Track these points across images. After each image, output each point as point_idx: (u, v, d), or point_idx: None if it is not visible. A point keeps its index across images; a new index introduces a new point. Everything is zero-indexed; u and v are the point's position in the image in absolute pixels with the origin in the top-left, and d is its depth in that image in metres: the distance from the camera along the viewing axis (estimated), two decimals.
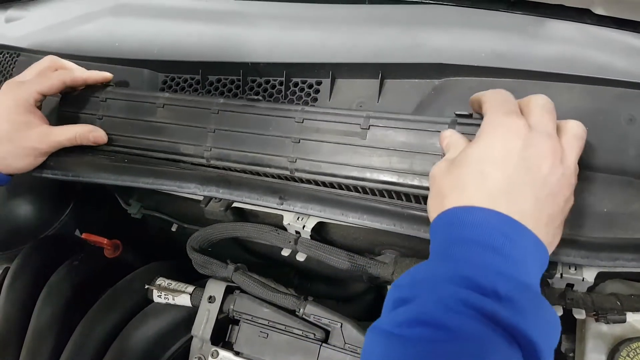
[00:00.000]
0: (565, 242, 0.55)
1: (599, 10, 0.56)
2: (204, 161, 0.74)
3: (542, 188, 0.49)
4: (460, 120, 0.60)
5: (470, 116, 0.60)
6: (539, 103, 0.55)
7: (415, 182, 0.62)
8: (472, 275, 0.45)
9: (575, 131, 0.54)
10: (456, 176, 0.52)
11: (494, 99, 0.56)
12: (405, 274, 0.49)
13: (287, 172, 0.69)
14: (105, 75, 0.82)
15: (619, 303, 0.59)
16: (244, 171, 0.72)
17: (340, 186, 0.67)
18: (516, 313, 0.42)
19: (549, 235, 0.50)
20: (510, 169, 0.49)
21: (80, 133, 0.79)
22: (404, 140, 0.63)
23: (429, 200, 0.56)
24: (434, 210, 0.53)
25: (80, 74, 0.81)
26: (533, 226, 0.48)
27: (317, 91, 0.77)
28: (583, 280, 0.59)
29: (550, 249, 0.51)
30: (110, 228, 1.04)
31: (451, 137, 0.58)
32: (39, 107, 0.80)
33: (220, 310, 0.74)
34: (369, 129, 0.66)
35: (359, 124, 0.66)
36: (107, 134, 0.79)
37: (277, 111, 0.71)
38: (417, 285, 0.47)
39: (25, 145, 0.76)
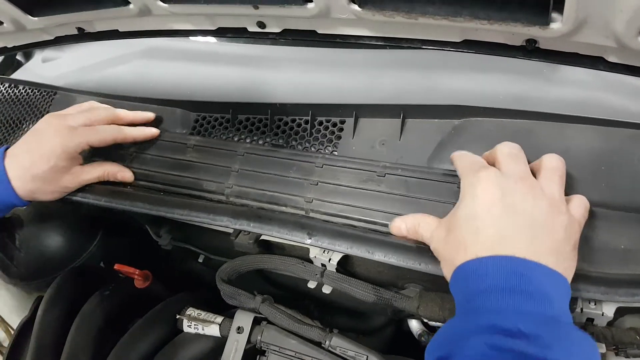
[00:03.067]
0: (585, 278, 0.58)
1: (611, 58, 0.59)
2: (223, 198, 0.78)
3: (534, 222, 0.53)
4: None
5: None
6: (504, 151, 0.60)
7: None
8: (496, 322, 0.48)
9: (549, 164, 0.59)
10: (454, 239, 0.56)
11: (463, 162, 0.62)
12: (437, 333, 0.53)
13: (303, 212, 0.73)
14: (154, 133, 0.86)
15: (638, 337, 0.61)
16: (262, 209, 0.76)
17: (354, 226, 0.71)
18: (544, 347, 0.45)
19: (559, 262, 0.52)
20: (499, 217, 0.53)
21: (109, 172, 0.83)
22: (417, 190, 0.69)
23: (442, 269, 0.59)
24: (448, 274, 0.57)
25: (130, 132, 0.84)
26: (540, 258, 0.51)
27: (341, 129, 0.81)
28: (603, 314, 0.61)
29: (567, 275, 0.53)
30: (133, 259, 1.07)
31: (406, 222, 0.63)
32: None
33: (248, 341, 0.76)
34: (384, 177, 0.71)
35: (376, 172, 0.72)
36: (135, 167, 0.84)
37: (300, 156, 0.77)
38: (450, 342, 0.51)
39: (57, 186, 0.81)
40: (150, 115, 0.88)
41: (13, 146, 0.81)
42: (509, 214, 0.53)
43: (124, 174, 0.84)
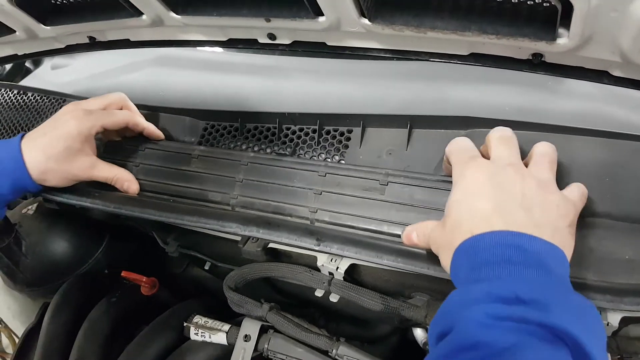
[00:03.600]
0: (590, 287, 0.59)
1: (616, 73, 0.61)
2: (229, 208, 0.79)
3: (525, 200, 0.55)
4: None
5: None
6: (495, 136, 0.63)
7: None
8: (494, 291, 0.49)
9: (539, 150, 0.62)
10: (449, 224, 0.58)
11: (455, 150, 0.64)
12: (439, 310, 0.54)
13: (308, 222, 0.74)
14: (160, 134, 0.89)
15: None
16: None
17: None
18: (542, 310, 0.46)
19: (556, 237, 0.53)
20: (491, 195, 0.56)
21: (119, 177, 0.85)
22: (420, 197, 0.70)
23: (442, 262, 0.60)
24: (447, 263, 0.58)
25: (142, 121, 0.87)
26: (534, 231, 0.52)
27: (349, 139, 0.82)
28: (608, 324, 0.61)
29: (566, 251, 0.54)
30: (138, 266, 1.08)
31: (416, 230, 0.64)
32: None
33: (255, 349, 0.77)
34: (387, 185, 0.72)
35: (378, 180, 0.72)
36: (140, 179, 0.85)
37: (303, 165, 0.78)
38: (450, 316, 0.51)
39: (69, 170, 0.82)
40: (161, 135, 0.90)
41: (33, 130, 0.83)
42: (501, 191, 0.56)
43: (131, 185, 0.85)
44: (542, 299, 0.47)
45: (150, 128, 0.88)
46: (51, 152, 0.80)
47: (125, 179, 0.85)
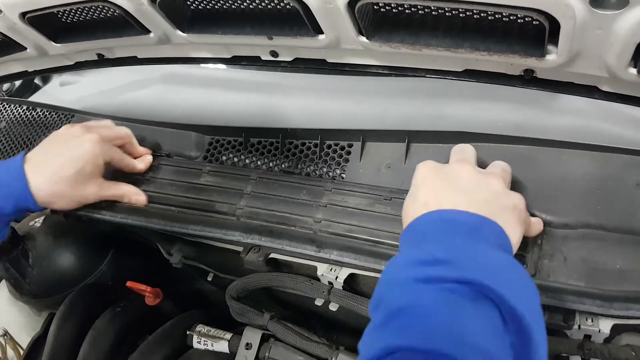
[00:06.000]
0: (581, 293, 0.62)
1: (605, 88, 0.63)
2: (234, 219, 0.81)
3: (465, 184, 0.61)
4: None
5: None
6: (455, 149, 0.71)
7: None
8: (414, 256, 0.53)
9: (495, 162, 0.69)
10: (402, 215, 0.64)
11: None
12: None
13: (311, 232, 0.76)
14: (141, 167, 0.91)
15: (633, 354, 0.63)
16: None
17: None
18: (457, 268, 0.49)
19: (498, 216, 0.57)
20: (431, 184, 0.62)
21: (127, 193, 0.87)
22: None
23: None
24: None
25: (139, 165, 0.91)
26: (470, 207, 0.57)
27: (349, 153, 0.85)
28: (599, 331, 0.63)
29: (508, 230, 0.57)
30: (142, 278, 1.10)
31: None
32: None
33: (257, 357, 0.78)
34: (390, 200, 0.75)
35: (382, 196, 0.76)
36: (150, 191, 0.88)
37: (310, 180, 0.81)
38: (379, 287, 0.55)
39: (79, 194, 0.83)
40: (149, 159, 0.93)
41: (34, 151, 0.83)
42: (440, 180, 0.62)
43: (139, 197, 0.87)
44: (457, 258, 0.50)
45: (143, 169, 0.91)
46: (64, 174, 0.79)
47: (133, 193, 0.87)
